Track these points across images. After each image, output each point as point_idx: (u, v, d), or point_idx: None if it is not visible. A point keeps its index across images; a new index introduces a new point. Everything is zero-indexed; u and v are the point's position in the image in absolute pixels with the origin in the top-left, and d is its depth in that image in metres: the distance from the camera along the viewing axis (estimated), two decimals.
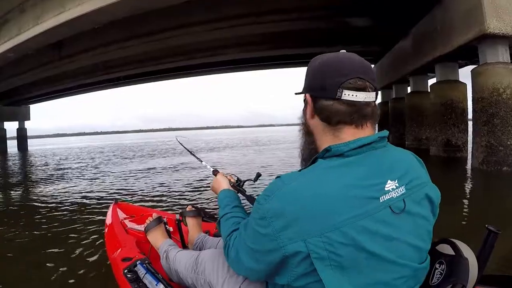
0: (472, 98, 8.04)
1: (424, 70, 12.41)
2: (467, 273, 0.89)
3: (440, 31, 9.56)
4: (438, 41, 9.66)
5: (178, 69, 19.94)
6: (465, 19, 8.07)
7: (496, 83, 7.38)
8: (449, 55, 9.53)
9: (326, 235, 0.74)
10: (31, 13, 11.18)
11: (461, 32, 8.26)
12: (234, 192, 1.32)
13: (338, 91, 0.83)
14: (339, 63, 0.86)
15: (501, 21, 7.24)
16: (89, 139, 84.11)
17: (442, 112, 10.25)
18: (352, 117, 0.84)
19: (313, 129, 0.93)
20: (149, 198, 5.77)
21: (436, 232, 0.93)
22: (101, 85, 24.20)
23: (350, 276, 0.76)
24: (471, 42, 7.99)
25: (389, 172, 0.83)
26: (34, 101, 28.70)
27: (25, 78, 17.53)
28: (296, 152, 1.05)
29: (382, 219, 0.78)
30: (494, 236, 0.96)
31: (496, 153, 7.35)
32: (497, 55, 7.51)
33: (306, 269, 0.77)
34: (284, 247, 0.77)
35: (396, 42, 13.92)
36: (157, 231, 1.81)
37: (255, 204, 0.87)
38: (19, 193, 7.33)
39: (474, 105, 7.95)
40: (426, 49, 10.62)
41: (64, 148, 31.17)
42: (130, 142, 42.47)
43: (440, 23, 9.54)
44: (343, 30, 13.04)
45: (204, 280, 1.32)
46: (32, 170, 12.65)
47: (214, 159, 12.88)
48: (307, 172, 0.82)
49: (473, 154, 8.11)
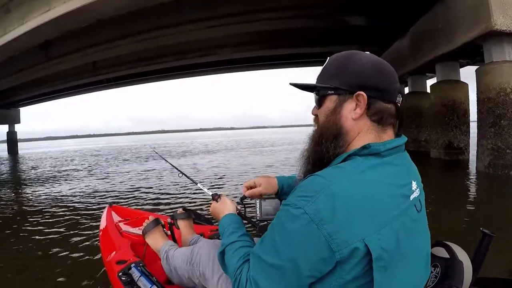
0: (477, 98, 7.71)
1: (423, 70, 12.14)
2: (461, 276, 0.91)
3: (442, 29, 9.21)
4: (439, 39, 9.33)
5: (170, 70, 19.58)
6: (469, 16, 7.71)
7: (503, 83, 7.03)
8: (451, 54, 9.18)
9: (382, 232, 0.73)
10: (16, 13, 10.80)
11: (465, 30, 7.90)
12: (239, 218, 1.15)
13: (398, 96, 0.87)
14: (390, 67, 0.88)
15: (508, 18, 6.87)
16: (82, 142, 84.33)
17: (443, 113, 9.94)
18: (395, 120, 0.88)
19: (352, 129, 0.86)
20: (143, 201, 5.79)
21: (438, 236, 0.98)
22: (92, 87, 23.79)
23: (388, 277, 0.74)
24: (476, 40, 7.63)
25: (412, 174, 0.88)
26: (24, 104, 28.33)
27: (13, 80, 17.17)
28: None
29: (412, 217, 0.81)
30: (488, 239, 0.99)
31: (504, 156, 6.99)
32: (504, 54, 7.15)
33: (359, 272, 0.74)
34: (340, 251, 0.72)
35: (393, 41, 13.69)
36: (155, 233, 1.79)
37: (285, 211, 0.79)
38: (8, 197, 7.25)
39: (479, 106, 7.61)
40: (426, 48, 10.30)
41: (55, 152, 30.61)
42: (124, 145, 42.03)
43: (442, 21, 9.19)
44: (340, 29, 12.76)
45: (199, 272, 1.29)
46: (20, 174, 12.60)
47: (218, 161, 12.82)
48: (350, 170, 0.78)
49: (478, 157, 7.78)
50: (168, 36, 12.32)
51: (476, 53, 8.57)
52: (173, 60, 16.59)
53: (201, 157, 15.26)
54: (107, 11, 9.74)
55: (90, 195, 6.64)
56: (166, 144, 35.57)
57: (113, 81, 21.67)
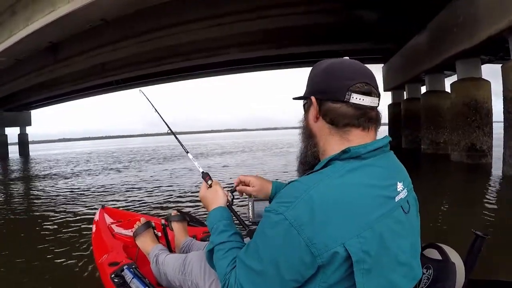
0: (503, 97, 7.13)
1: (441, 68, 11.57)
2: (454, 277, 0.92)
3: (462, 23, 8.64)
4: (460, 34, 8.77)
5: (177, 71, 19.40)
6: (495, 8, 7.12)
7: None
8: (473, 50, 8.59)
9: (362, 235, 0.74)
10: (22, 15, 10.75)
11: (490, 23, 7.31)
12: (230, 214, 1.12)
13: (346, 94, 0.85)
14: (346, 67, 0.88)
15: None
16: (95, 143, 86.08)
17: (465, 113, 9.33)
18: (359, 120, 0.86)
19: (317, 132, 0.92)
20: (136, 203, 5.80)
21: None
22: (101, 89, 23.84)
23: (372, 279, 0.75)
24: (503, 33, 7.04)
25: (397, 174, 0.88)
26: (35, 106, 28.62)
27: (23, 83, 17.24)
28: None
29: (397, 219, 0.82)
30: (481, 241, 0.99)
31: None
32: None
33: (341, 276, 0.75)
34: (321, 255, 0.73)
35: (409, 38, 13.14)
36: (146, 236, 1.78)
37: (267, 217, 0.81)
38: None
39: (506, 104, 7.04)
40: (446, 44, 9.74)
41: (64, 154, 30.84)
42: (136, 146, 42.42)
43: (463, 15, 8.60)
44: (353, 25, 12.26)
45: (191, 282, 1.33)
46: (23, 175, 13.06)
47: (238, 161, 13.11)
48: (329, 175, 0.79)
49: (505, 160, 7.18)
50: (172, 36, 12.02)
51: (499, 48, 7.97)
52: (179, 61, 16.34)
53: (223, 157, 15.58)
54: (111, 10, 9.54)
55: (83, 196, 6.66)
56: (179, 145, 35.44)
57: (122, 83, 21.58)
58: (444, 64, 10.59)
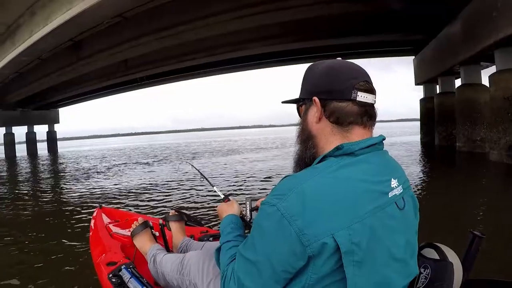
0: None
1: (478, 58, 10.88)
2: (452, 277, 0.91)
3: (502, 8, 7.96)
4: (500, 21, 8.07)
5: (200, 67, 19.41)
6: None
7: None
8: None
9: (352, 227, 0.74)
10: (41, 14, 10.94)
11: None
12: (241, 221, 1.17)
13: (352, 92, 0.85)
14: (346, 67, 0.89)
15: None
16: (124, 140, 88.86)
17: (506, 108, 8.63)
18: (363, 118, 0.87)
19: (317, 132, 0.91)
20: (133, 202, 5.81)
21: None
22: (125, 87, 24.19)
23: (364, 273, 0.76)
24: None
25: (391, 171, 0.87)
26: (62, 104, 29.53)
27: (48, 81, 17.67)
28: None
29: (391, 214, 0.82)
30: (478, 240, 0.98)
31: None
32: None
33: (331, 268, 0.75)
34: (310, 245, 0.74)
35: (441, 27, 12.45)
36: (143, 235, 1.79)
37: (261, 209, 0.83)
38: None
39: None
40: (483, 32, 9.07)
41: (87, 150, 31.64)
42: (165, 142, 43.13)
43: None
44: (381, 15, 11.66)
45: (190, 282, 1.33)
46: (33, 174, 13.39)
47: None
48: (322, 169, 0.80)
49: None
50: (193, 30, 11.88)
51: None
52: (202, 57, 16.29)
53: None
54: (126, 5, 9.57)
55: (83, 196, 6.69)
56: (215, 141, 35.97)
57: (146, 80, 21.81)
58: (481, 54, 9.96)
